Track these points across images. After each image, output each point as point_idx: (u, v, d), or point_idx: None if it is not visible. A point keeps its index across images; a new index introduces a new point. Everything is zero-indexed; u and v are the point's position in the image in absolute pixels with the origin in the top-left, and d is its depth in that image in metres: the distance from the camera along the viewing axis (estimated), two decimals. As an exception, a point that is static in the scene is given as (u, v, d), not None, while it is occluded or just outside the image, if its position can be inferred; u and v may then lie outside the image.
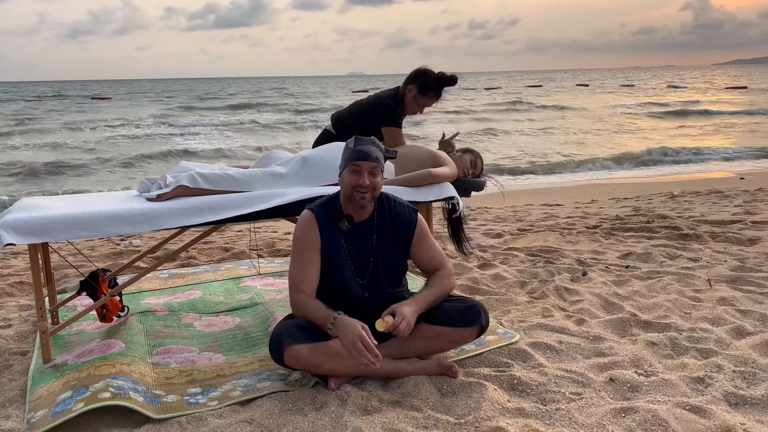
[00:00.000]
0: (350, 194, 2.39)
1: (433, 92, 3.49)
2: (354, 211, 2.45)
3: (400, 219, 2.52)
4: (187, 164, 3.11)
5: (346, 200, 2.43)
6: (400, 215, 2.52)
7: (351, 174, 2.38)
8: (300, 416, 2.14)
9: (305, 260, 2.41)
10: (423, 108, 3.57)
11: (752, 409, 2.17)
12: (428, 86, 3.48)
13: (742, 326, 2.87)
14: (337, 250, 2.45)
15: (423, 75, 3.49)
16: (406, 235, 2.52)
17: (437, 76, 3.49)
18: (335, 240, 2.45)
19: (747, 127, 20.96)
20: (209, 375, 2.51)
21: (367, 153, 2.37)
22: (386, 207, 2.53)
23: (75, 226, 2.55)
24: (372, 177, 2.38)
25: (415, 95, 3.51)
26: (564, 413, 2.14)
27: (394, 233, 2.51)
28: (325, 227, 2.44)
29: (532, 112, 30.09)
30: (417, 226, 2.53)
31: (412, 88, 3.52)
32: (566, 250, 4.50)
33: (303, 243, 2.42)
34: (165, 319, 3.19)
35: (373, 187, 2.39)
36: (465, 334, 2.43)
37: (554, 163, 13.63)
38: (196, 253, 4.72)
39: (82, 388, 2.26)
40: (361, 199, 2.38)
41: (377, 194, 2.44)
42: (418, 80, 3.50)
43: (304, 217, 2.46)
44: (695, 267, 3.93)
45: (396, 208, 2.53)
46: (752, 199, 6.97)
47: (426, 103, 3.54)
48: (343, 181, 2.42)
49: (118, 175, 13.94)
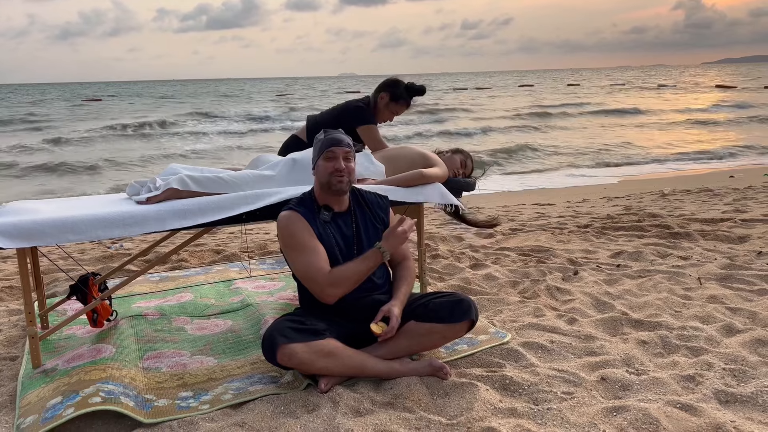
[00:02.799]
0: (327, 180, 2.45)
1: (404, 100, 3.64)
2: (332, 201, 2.52)
3: (375, 205, 2.63)
4: (177, 167, 3.10)
5: (323, 190, 2.50)
6: (373, 201, 2.64)
7: (326, 161, 2.45)
8: (292, 419, 2.13)
9: (309, 249, 2.42)
10: (393, 115, 3.71)
11: (742, 406, 2.18)
12: (400, 94, 3.63)
13: (732, 324, 2.89)
14: (327, 241, 2.48)
15: (395, 84, 3.65)
16: (382, 219, 2.62)
17: (407, 85, 3.65)
18: (322, 232, 2.48)
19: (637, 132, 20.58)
20: (200, 378, 2.50)
21: (339, 140, 2.48)
22: (359, 197, 2.63)
23: (64, 229, 2.53)
24: (347, 162, 2.46)
25: (387, 102, 3.64)
26: (556, 413, 2.14)
27: (373, 219, 2.61)
28: (311, 221, 2.47)
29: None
30: (389, 210, 2.66)
31: (385, 96, 3.64)
32: (558, 250, 4.52)
33: (299, 235, 2.43)
34: (156, 322, 3.18)
35: (349, 172, 2.46)
36: (455, 329, 2.43)
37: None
38: (187, 256, 4.70)
39: (72, 394, 2.25)
40: (339, 183, 2.44)
41: (354, 180, 2.52)
42: (390, 89, 3.64)
43: (288, 216, 2.46)
44: (686, 265, 3.95)
45: (368, 196, 2.65)
46: (742, 197, 7.03)
47: (397, 110, 3.67)
48: (319, 171, 2.48)
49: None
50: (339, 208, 2.55)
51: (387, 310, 2.39)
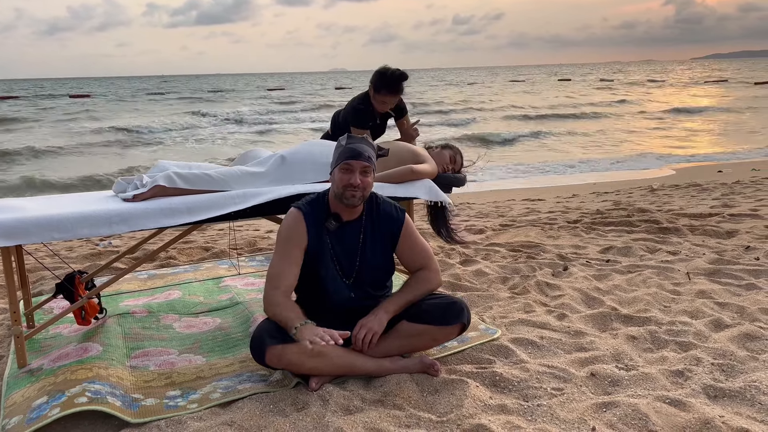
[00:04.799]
0: (341, 193, 2.36)
1: (386, 89, 3.62)
2: (342, 210, 2.43)
3: (388, 219, 2.50)
4: (165, 163, 3.07)
5: (336, 199, 2.41)
6: (387, 215, 2.50)
7: (342, 173, 2.36)
8: (281, 417, 2.12)
9: (287, 257, 2.38)
10: (385, 106, 3.69)
11: (731, 401, 2.19)
12: (380, 85, 3.62)
13: (720, 319, 2.90)
14: (323, 250, 2.43)
15: (376, 75, 3.65)
16: (393, 235, 2.50)
17: (386, 74, 3.62)
18: (322, 239, 2.43)
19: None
20: (189, 377, 2.48)
21: (360, 152, 2.35)
22: (374, 207, 2.51)
23: (49, 228, 2.49)
24: (363, 176, 2.36)
25: (373, 94, 3.67)
26: (546, 409, 2.14)
27: (382, 233, 2.49)
28: (312, 226, 2.42)
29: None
30: (404, 225, 2.51)
31: (371, 88, 3.67)
32: (547, 245, 4.52)
33: (287, 240, 2.39)
34: (144, 320, 3.15)
35: (364, 187, 2.36)
36: (446, 331, 2.42)
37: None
38: (175, 253, 4.67)
39: (58, 393, 2.22)
40: (351, 197, 2.36)
41: (367, 194, 2.42)
42: (373, 80, 3.65)
43: (291, 214, 2.43)
44: (674, 260, 3.96)
45: (384, 207, 2.52)
46: (730, 191, 7.07)
47: (382, 100, 3.66)
48: (334, 180, 2.39)
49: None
50: (349, 217, 2.46)
51: (361, 321, 2.35)
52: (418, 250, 2.52)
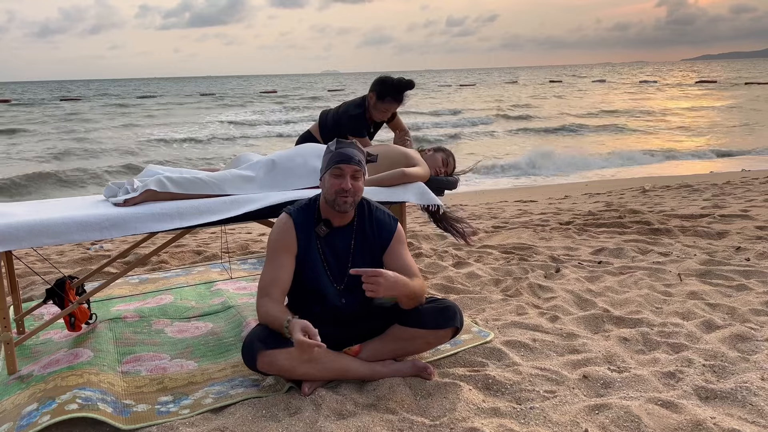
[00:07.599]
0: (333, 199, 2.35)
1: (391, 98, 3.61)
2: (333, 216, 2.42)
3: (380, 226, 2.48)
4: (155, 168, 3.05)
5: (327, 204, 2.39)
6: (380, 222, 2.48)
7: (333, 177, 2.34)
8: (274, 422, 2.11)
9: (277, 264, 2.37)
10: (384, 114, 3.69)
11: (722, 402, 2.20)
12: (385, 93, 3.61)
13: (711, 320, 2.92)
14: (314, 256, 2.42)
15: (380, 82, 3.63)
16: (383, 242, 2.47)
17: (393, 82, 3.62)
18: (312, 245, 2.41)
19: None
20: (181, 382, 2.46)
21: (350, 156, 2.34)
22: (366, 213, 2.49)
23: (40, 233, 2.47)
24: (354, 180, 2.35)
25: (374, 102, 3.64)
26: (538, 412, 2.14)
27: (373, 240, 2.47)
28: (303, 231, 2.40)
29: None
30: (395, 234, 2.48)
31: (372, 95, 3.65)
32: (540, 247, 4.53)
33: (277, 246, 2.38)
34: (135, 325, 3.13)
35: (355, 191, 2.35)
36: (439, 335, 2.41)
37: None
38: (167, 257, 4.65)
39: (49, 400, 2.20)
40: (343, 203, 2.34)
41: (358, 199, 2.41)
42: (376, 87, 3.63)
43: (281, 220, 2.42)
44: (666, 261, 3.98)
45: (377, 214, 2.50)
46: (720, 192, 7.11)
47: (385, 108, 3.65)
48: (325, 185, 2.38)
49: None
50: (340, 223, 2.44)
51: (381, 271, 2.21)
52: (404, 261, 2.43)
